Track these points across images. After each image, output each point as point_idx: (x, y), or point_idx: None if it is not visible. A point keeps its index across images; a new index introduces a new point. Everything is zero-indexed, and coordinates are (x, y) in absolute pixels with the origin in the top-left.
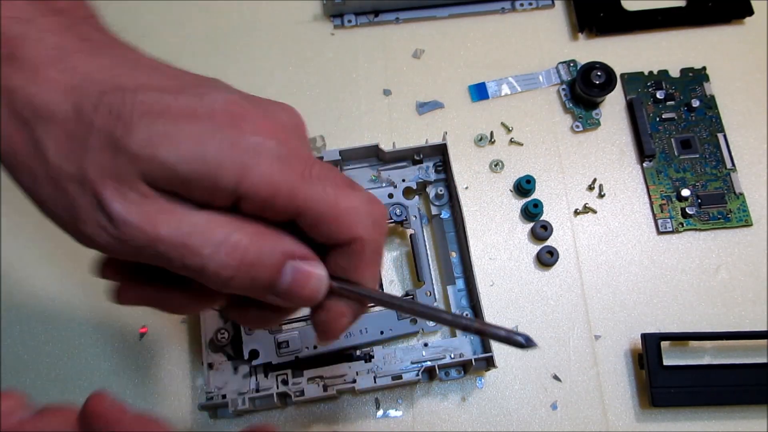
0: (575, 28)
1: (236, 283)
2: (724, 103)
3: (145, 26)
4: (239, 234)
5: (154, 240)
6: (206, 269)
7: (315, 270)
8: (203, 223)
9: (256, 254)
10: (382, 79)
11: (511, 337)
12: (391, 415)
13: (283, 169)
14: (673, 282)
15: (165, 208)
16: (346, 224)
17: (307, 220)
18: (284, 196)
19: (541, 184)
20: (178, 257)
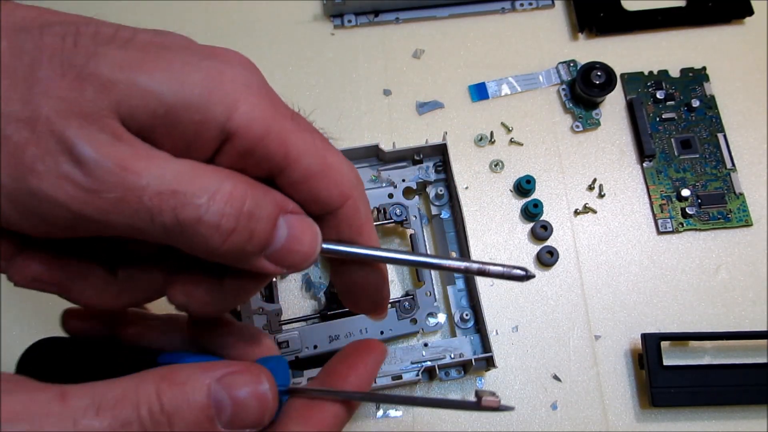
0: (575, 28)
1: (234, 239)
2: (724, 103)
3: (145, 26)
4: (231, 182)
5: (138, 189)
6: (203, 221)
7: (309, 220)
8: (189, 171)
9: (253, 203)
10: (382, 79)
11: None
12: (391, 415)
13: (273, 108)
14: (673, 282)
15: (142, 153)
16: (337, 181)
17: (294, 174)
18: (275, 138)
19: (541, 184)
20: (169, 210)
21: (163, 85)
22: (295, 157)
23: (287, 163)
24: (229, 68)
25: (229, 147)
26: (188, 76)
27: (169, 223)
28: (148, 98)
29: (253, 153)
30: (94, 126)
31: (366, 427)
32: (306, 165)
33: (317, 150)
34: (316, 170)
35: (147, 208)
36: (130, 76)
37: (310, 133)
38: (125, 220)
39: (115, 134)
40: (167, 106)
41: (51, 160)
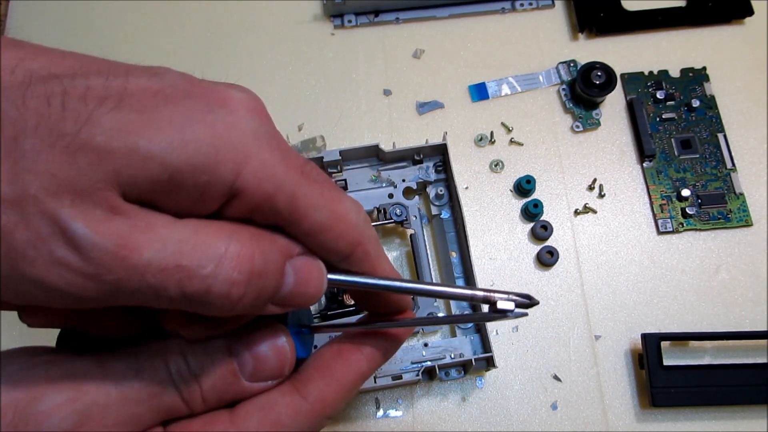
0: (575, 28)
1: (246, 301)
2: (724, 103)
3: (145, 26)
4: (237, 241)
5: (139, 268)
6: (212, 292)
7: (315, 261)
8: (192, 236)
9: (262, 260)
10: (382, 79)
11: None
12: (391, 415)
13: (283, 162)
14: (673, 282)
15: (141, 224)
16: (345, 233)
17: (303, 228)
18: (285, 195)
19: (541, 184)
20: (175, 285)
21: (165, 147)
22: (303, 212)
23: (294, 218)
24: (236, 119)
25: (236, 202)
26: (192, 133)
27: (175, 297)
28: (150, 164)
29: (261, 209)
30: (88, 202)
31: (366, 427)
32: (314, 219)
33: (326, 202)
34: (324, 224)
35: (150, 286)
36: (128, 142)
37: (320, 185)
38: (128, 299)
39: (111, 208)
40: (171, 170)
41: (43, 245)
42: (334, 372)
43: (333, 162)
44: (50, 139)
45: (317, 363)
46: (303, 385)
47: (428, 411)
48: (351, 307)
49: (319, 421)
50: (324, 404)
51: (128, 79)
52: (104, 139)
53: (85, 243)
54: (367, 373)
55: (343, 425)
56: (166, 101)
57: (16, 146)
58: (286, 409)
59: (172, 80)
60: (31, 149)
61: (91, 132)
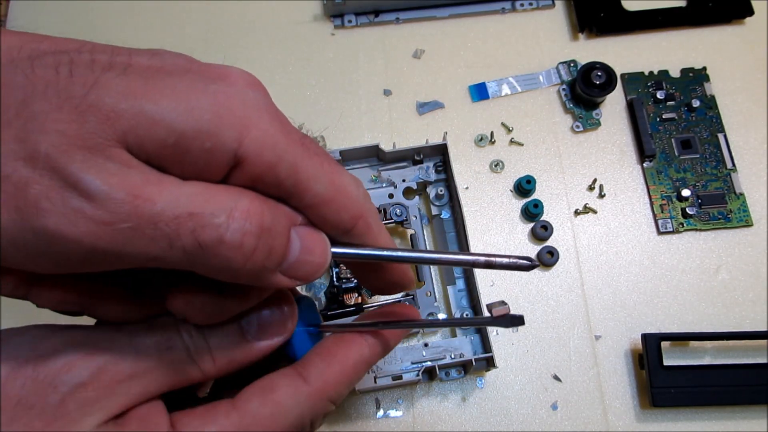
0: (575, 28)
1: (256, 258)
2: (724, 103)
3: (145, 26)
4: (246, 198)
5: (153, 216)
6: (225, 241)
7: (318, 232)
8: (202, 191)
9: (270, 218)
10: (382, 79)
11: (515, 263)
12: (392, 415)
13: (283, 133)
14: (673, 282)
15: (152, 178)
16: (347, 205)
17: (305, 200)
18: (286, 166)
19: (541, 184)
20: (188, 233)
21: (171, 112)
22: (305, 184)
23: (297, 189)
24: (237, 91)
25: (238, 172)
26: (196, 101)
27: (189, 247)
28: (157, 127)
29: (263, 179)
30: (100, 156)
31: (366, 427)
32: (316, 191)
33: (326, 174)
34: (326, 196)
35: (164, 234)
36: (135, 104)
37: (320, 158)
38: (142, 250)
39: (122, 162)
40: (177, 134)
41: (57, 196)
42: (335, 355)
43: None
44: (59, 101)
45: (319, 348)
46: (304, 369)
47: (428, 411)
48: (351, 307)
49: (322, 403)
50: (325, 385)
51: (131, 56)
52: (112, 101)
53: (99, 192)
54: (369, 358)
55: (343, 425)
56: (169, 74)
57: (26, 108)
58: (287, 390)
59: (172, 58)
60: (41, 111)
61: (99, 94)
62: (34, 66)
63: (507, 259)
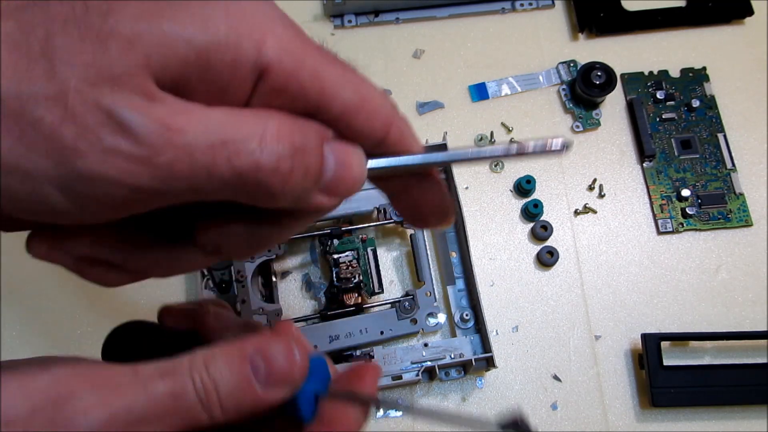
0: (575, 28)
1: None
2: (724, 103)
3: None
4: (274, 120)
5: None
6: (261, 167)
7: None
8: (231, 117)
9: (301, 137)
10: (382, 79)
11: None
12: (391, 415)
13: (300, 38)
14: (673, 282)
15: (179, 109)
16: (377, 112)
17: (333, 110)
18: (308, 71)
19: (541, 184)
20: (225, 162)
21: (189, 28)
22: (331, 92)
23: (323, 98)
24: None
25: (262, 86)
26: (211, 16)
27: (227, 175)
28: (178, 45)
29: (287, 89)
30: (127, 89)
31: (366, 427)
32: (343, 99)
33: (351, 82)
34: (354, 104)
35: (201, 165)
36: (153, 24)
37: (341, 65)
38: (182, 183)
39: (147, 94)
40: (198, 50)
41: (93, 135)
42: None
43: None
44: (79, 32)
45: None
46: None
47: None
48: (351, 307)
49: None
50: None
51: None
52: (131, 25)
53: (133, 126)
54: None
55: None
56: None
57: (48, 45)
58: None
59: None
60: (63, 45)
61: (116, 20)
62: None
63: (539, 142)
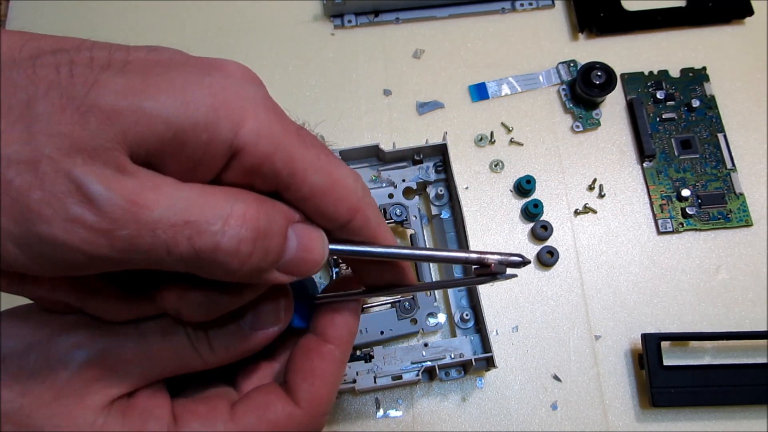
0: (575, 28)
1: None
2: (724, 103)
3: (145, 26)
4: (242, 202)
5: (151, 223)
6: (221, 248)
7: (315, 228)
8: (198, 197)
9: (266, 222)
10: (382, 79)
11: (506, 260)
12: (391, 415)
13: (279, 123)
14: (673, 282)
15: (148, 184)
16: (344, 197)
17: (301, 191)
18: (282, 155)
19: (541, 184)
20: (185, 241)
21: (169, 107)
22: (302, 175)
23: (293, 180)
24: (232, 83)
25: (235, 164)
26: (193, 95)
27: (186, 254)
28: (155, 123)
29: (260, 170)
30: (99, 161)
31: (366, 427)
32: (312, 182)
33: (323, 166)
34: (322, 187)
35: (162, 242)
36: (134, 102)
37: (316, 149)
38: (140, 256)
39: (120, 168)
40: (174, 129)
41: (58, 203)
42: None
43: None
44: (61, 102)
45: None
46: (293, 393)
47: (428, 411)
48: None
49: (317, 420)
50: (316, 405)
51: (129, 52)
52: (112, 100)
53: (99, 199)
54: (342, 357)
55: (343, 425)
56: (167, 68)
57: (29, 110)
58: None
59: (169, 53)
60: (44, 112)
61: (99, 93)
62: (36, 66)
63: (499, 256)
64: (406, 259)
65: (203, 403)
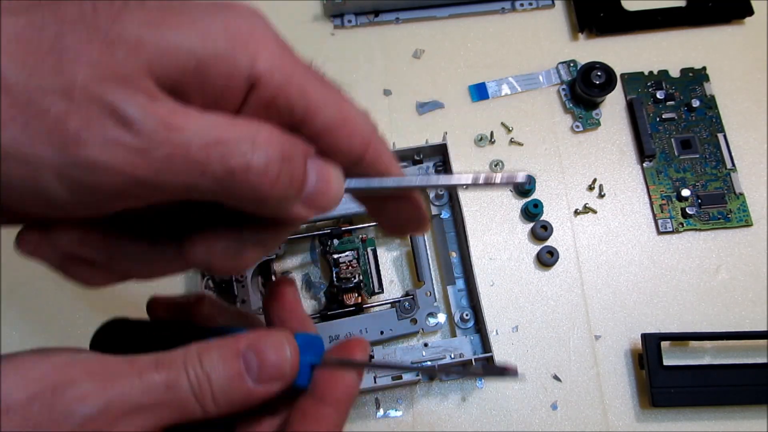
0: (575, 28)
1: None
2: (724, 103)
3: None
4: (265, 128)
5: (184, 143)
6: (252, 167)
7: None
8: (224, 122)
9: (289, 146)
10: (382, 79)
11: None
12: (391, 415)
13: (291, 57)
14: (673, 282)
15: (177, 109)
16: (356, 131)
17: (315, 126)
18: (296, 87)
19: (541, 184)
20: (218, 160)
21: (190, 38)
22: (315, 109)
23: (308, 114)
24: (245, 19)
25: (252, 97)
26: (210, 28)
27: (219, 173)
28: (178, 53)
29: (276, 102)
30: (130, 87)
31: (366, 427)
32: (325, 116)
33: (334, 101)
34: (336, 121)
35: (196, 161)
36: (157, 33)
37: (327, 85)
38: (176, 178)
39: (149, 94)
40: (197, 59)
41: (96, 126)
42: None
43: None
44: (88, 33)
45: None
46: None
47: (428, 411)
48: (351, 307)
49: None
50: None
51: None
52: (136, 31)
53: (135, 120)
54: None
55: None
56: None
57: (58, 44)
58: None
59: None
60: (72, 44)
61: (123, 25)
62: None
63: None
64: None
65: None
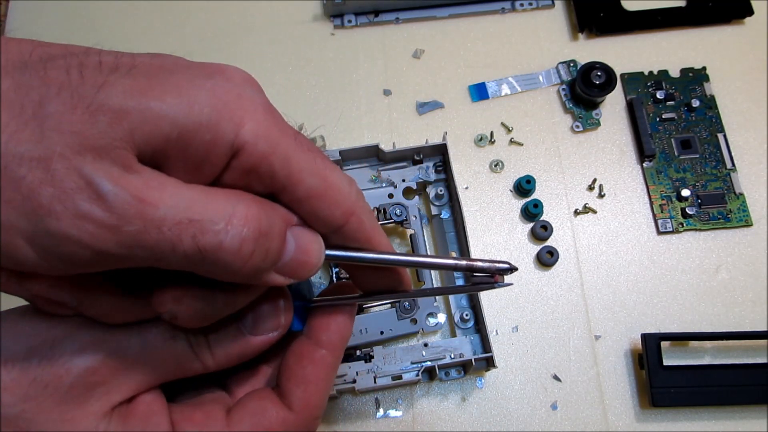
0: (575, 28)
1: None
2: (724, 103)
3: (145, 26)
4: (244, 204)
5: (156, 220)
6: (224, 247)
7: (312, 232)
8: (202, 197)
9: (267, 222)
10: (382, 79)
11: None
12: (391, 415)
13: (277, 125)
14: (673, 282)
15: (153, 183)
16: (339, 200)
17: (297, 193)
18: (280, 156)
19: (541, 184)
20: (189, 239)
21: (174, 108)
22: (298, 176)
23: (290, 181)
24: (233, 86)
25: (235, 164)
26: (196, 96)
27: (190, 252)
28: (161, 123)
29: (258, 170)
30: (107, 159)
31: (366, 427)
32: (308, 184)
33: (318, 169)
34: (317, 190)
35: (167, 239)
36: (141, 102)
37: (312, 153)
38: (146, 253)
39: (125, 166)
40: (180, 129)
41: (69, 199)
42: (307, 377)
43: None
44: (72, 101)
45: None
46: (286, 398)
47: (428, 411)
48: None
49: (309, 423)
50: (309, 409)
51: (134, 57)
52: (120, 100)
53: (108, 195)
54: (334, 362)
55: (343, 425)
56: (171, 72)
57: (41, 110)
58: (276, 419)
59: (172, 59)
60: (55, 111)
61: (108, 94)
62: (47, 68)
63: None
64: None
65: (199, 409)
